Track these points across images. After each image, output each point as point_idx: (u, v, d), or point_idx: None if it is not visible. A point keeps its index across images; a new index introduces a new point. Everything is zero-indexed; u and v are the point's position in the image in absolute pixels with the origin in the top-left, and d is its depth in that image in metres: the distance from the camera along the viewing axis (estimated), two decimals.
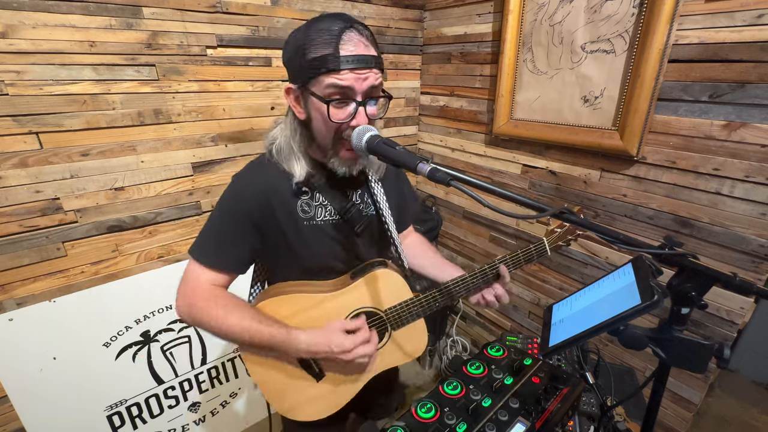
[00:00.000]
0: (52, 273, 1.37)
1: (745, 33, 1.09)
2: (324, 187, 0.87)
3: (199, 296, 0.84)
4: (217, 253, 0.86)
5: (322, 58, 0.70)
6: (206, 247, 0.86)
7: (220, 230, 0.86)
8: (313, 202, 0.87)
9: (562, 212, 0.62)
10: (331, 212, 0.89)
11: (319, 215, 0.88)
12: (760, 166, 1.13)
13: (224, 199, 0.86)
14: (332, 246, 0.91)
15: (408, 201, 1.11)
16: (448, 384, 0.85)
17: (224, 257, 0.86)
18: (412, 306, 0.96)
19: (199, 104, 1.51)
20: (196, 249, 0.87)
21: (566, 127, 1.56)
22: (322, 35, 0.70)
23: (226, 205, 0.86)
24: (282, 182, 0.84)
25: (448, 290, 0.97)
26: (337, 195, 0.89)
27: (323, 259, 0.92)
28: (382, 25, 1.97)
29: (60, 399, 1.42)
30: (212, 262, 0.85)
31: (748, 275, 1.22)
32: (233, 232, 0.85)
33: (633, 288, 0.58)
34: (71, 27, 1.22)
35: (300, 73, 0.74)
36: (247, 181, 0.86)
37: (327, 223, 0.89)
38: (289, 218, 0.85)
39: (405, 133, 2.30)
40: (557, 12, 1.49)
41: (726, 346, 0.54)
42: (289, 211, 0.85)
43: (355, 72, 0.71)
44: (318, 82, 0.72)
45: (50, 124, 1.26)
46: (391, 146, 0.71)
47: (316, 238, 0.88)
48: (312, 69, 0.71)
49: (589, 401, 0.96)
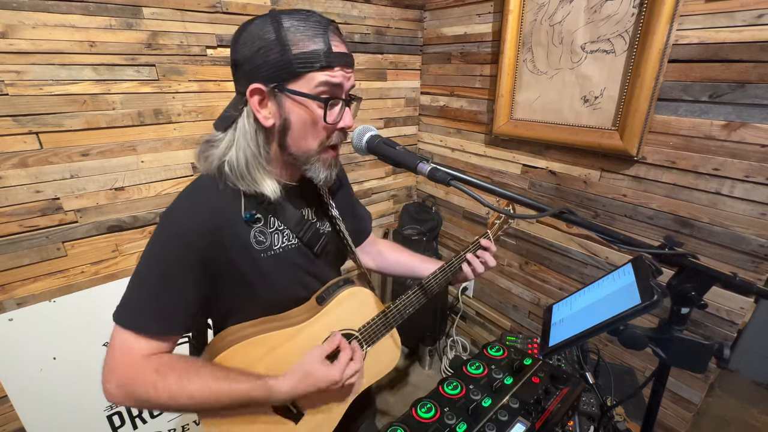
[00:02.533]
0: (52, 273, 1.37)
1: (745, 33, 1.09)
2: (278, 209, 0.75)
3: (136, 373, 0.65)
4: (158, 315, 0.67)
5: (313, 53, 0.62)
6: (140, 309, 0.68)
7: (158, 284, 0.67)
8: (267, 229, 0.75)
9: (561, 212, 0.62)
10: (288, 237, 0.77)
11: (276, 243, 0.75)
12: (760, 166, 1.13)
13: (160, 246, 0.68)
14: (293, 274, 0.80)
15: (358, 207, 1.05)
16: (448, 384, 0.85)
17: (166, 317, 0.68)
18: (386, 319, 0.91)
19: (199, 104, 1.51)
20: (124, 314, 0.67)
21: (566, 127, 1.56)
22: (306, 30, 0.63)
23: (159, 250, 0.68)
24: (228, 210, 0.70)
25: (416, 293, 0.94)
26: (293, 215, 0.78)
27: (286, 290, 0.80)
28: (382, 25, 1.97)
29: (60, 399, 1.42)
30: (149, 327, 0.67)
31: (748, 275, 1.22)
32: (177, 285, 0.67)
33: (633, 288, 0.58)
34: (71, 27, 1.22)
35: (278, 69, 0.63)
36: (188, 217, 0.68)
37: (285, 249, 0.77)
38: (244, 252, 0.71)
39: (405, 133, 2.30)
40: (557, 12, 1.49)
41: (726, 346, 0.54)
42: (242, 245, 0.71)
43: (344, 70, 0.66)
44: (307, 79, 0.64)
45: (50, 124, 1.26)
46: (391, 146, 0.71)
47: (275, 270, 0.76)
48: (300, 65, 0.62)
49: (589, 401, 0.96)
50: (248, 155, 0.69)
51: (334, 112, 0.68)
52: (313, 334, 0.81)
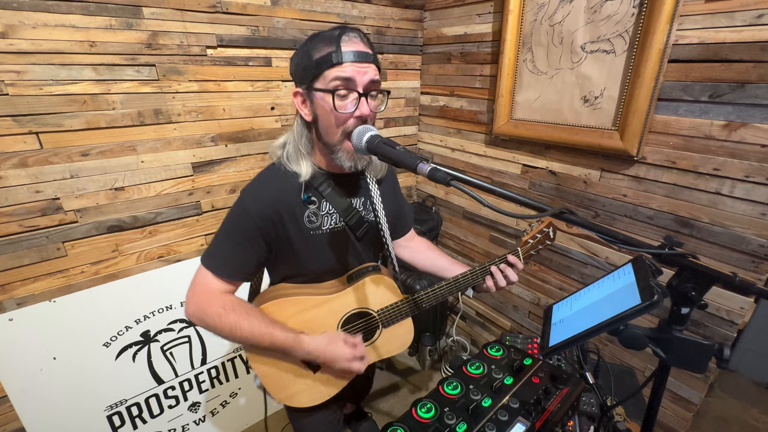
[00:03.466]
0: (52, 273, 1.37)
1: (745, 33, 1.09)
2: (331, 195, 0.93)
3: (210, 304, 0.89)
4: (228, 264, 0.91)
5: (326, 56, 0.77)
6: (217, 257, 0.91)
7: (231, 243, 0.90)
8: (320, 211, 0.93)
9: (562, 212, 0.62)
10: (336, 220, 0.95)
11: (325, 224, 0.94)
12: (760, 166, 1.13)
13: (235, 214, 0.90)
14: (336, 253, 0.98)
15: (404, 207, 1.19)
16: (448, 384, 0.85)
17: (234, 268, 0.91)
18: (401, 307, 1.05)
19: (199, 104, 1.51)
20: (207, 258, 0.92)
21: (566, 127, 1.56)
22: (324, 39, 0.79)
23: (237, 219, 0.90)
24: (290, 193, 0.89)
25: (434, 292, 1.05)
26: (343, 202, 0.94)
27: (326, 265, 0.99)
28: (382, 25, 1.97)
29: (60, 399, 1.42)
30: (222, 272, 0.90)
31: (748, 275, 1.22)
32: (243, 246, 0.90)
33: (633, 288, 0.58)
34: (71, 27, 1.22)
35: (306, 74, 0.80)
36: (256, 195, 0.89)
37: (332, 231, 0.95)
38: (297, 229, 0.91)
39: (405, 133, 2.30)
40: (557, 12, 1.49)
41: (726, 346, 0.54)
42: (296, 223, 0.90)
43: (355, 65, 0.77)
44: (323, 77, 0.78)
45: (50, 124, 1.26)
46: (391, 146, 0.71)
47: (321, 247, 0.95)
48: (317, 67, 0.78)
49: (589, 401, 0.96)
50: (292, 145, 0.89)
51: (345, 101, 0.79)
52: (338, 305, 1.00)
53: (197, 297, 0.91)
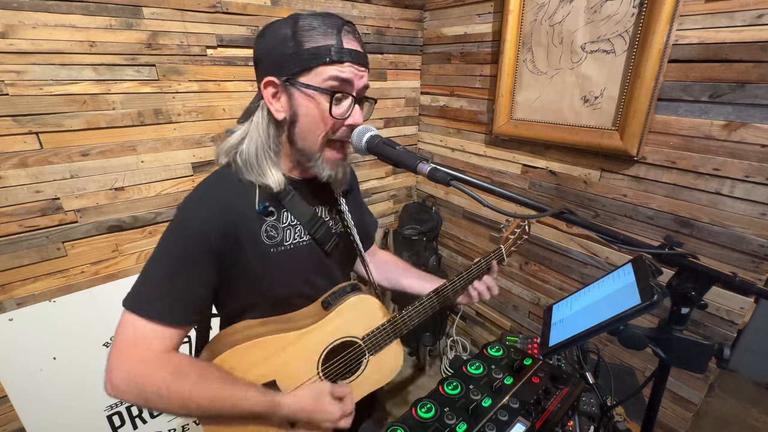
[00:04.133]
0: (52, 273, 1.37)
1: (745, 33, 1.09)
2: (293, 204, 0.77)
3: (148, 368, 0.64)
4: (169, 302, 0.67)
5: (324, 48, 0.65)
6: (152, 296, 0.67)
7: (171, 273, 0.68)
8: (280, 223, 0.76)
9: (562, 212, 0.62)
10: (300, 233, 0.78)
11: (287, 239, 0.76)
12: (760, 166, 1.13)
13: (173, 234, 0.70)
14: (302, 272, 0.81)
15: (366, 216, 1.04)
16: (448, 384, 0.85)
17: (179, 307, 0.68)
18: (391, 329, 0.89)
19: (199, 104, 1.51)
20: (136, 300, 0.67)
21: (566, 127, 1.56)
22: (320, 27, 0.65)
23: (176, 240, 0.69)
24: (242, 203, 0.72)
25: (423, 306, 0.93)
26: (306, 212, 0.78)
27: (292, 289, 0.81)
28: (382, 25, 1.97)
29: (60, 399, 1.42)
30: (162, 315, 0.66)
31: (748, 275, 1.22)
32: (189, 273, 0.68)
33: (633, 288, 0.58)
34: (71, 27, 1.22)
35: (290, 63, 0.66)
36: (202, 206, 0.70)
37: (296, 246, 0.77)
38: (254, 245, 0.72)
39: (405, 133, 2.30)
40: (557, 12, 1.49)
41: (726, 346, 0.54)
42: (253, 237, 0.72)
43: (354, 66, 0.68)
44: (317, 73, 0.66)
45: (50, 124, 1.26)
46: (391, 146, 0.71)
47: (285, 266, 0.77)
48: (311, 58, 0.65)
49: (589, 401, 0.96)
50: (258, 146, 0.72)
51: (342, 106, 0.69)
52: (314, 340, 0.81)
53: (126, 361, 0.64)
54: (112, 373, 0.64)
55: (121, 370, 0.64)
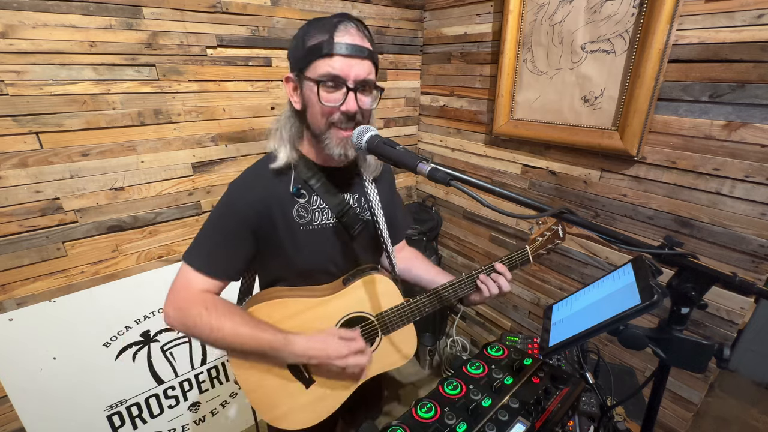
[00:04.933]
0: (52, 273, 1.37)
1: (745, 33, 1.09)
2: (321, 189, 0.87)
3: (190, 303, 0.81)
4: (212, 260, 0.84)
5: (318, 44, 0.73)
6: (201, 253, 0.85)
7: (216, 236, 0.85)
8: (310, 206, 0.87)
9: (561, 212, 0.62)
10: (327, 215, 0.89)
11: (315, 219, 0.88)
12: (760, 166, 1.13)
13: (220, 207, 0.85)
14: (328, 250, 0.91)
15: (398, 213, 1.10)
16: (448, 384, 0.85)
17: (219, 264, 0.85)
18: (402, 311, 0.96)
19: (199, 104, 1.51)
20: (190, 254, 0.85)
21: (566, 127, 1.56)
22: (321, 26, 0.75)
23: (222, 213, 0.85)
24: (278, 186, 0.84)
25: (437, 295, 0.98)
26: (335, 197, 0.88)
27: (318, 264, 0.92)
28: (382, 25, 1.97)
29: (60, 399, 1.42)
30: (206, 268, 0.83)
31: (748, 275, 1.22)
32: (229, 239, 0.84)
33: (633, 288, 0.58)
34: (71, 27, 1.22)
35: (298, 60, 0.77)
36: (244, 188, 0.85)
37: (323, 227, 0.89)
38: (286, 223, 0.85)
39: (405, 133, 2.30)
40: (557, 12, 1.49)
41: (726, 346, 0.54)
42: (285, 216, 0.85)
43: (347, 58, 0.74)
44: (314, 67, 0.75)
45: (50, 124, 1.26)
46: (391, 146, 0.71)
47: (312, 243, 0.88)
48: (309, 55, 0.75)
49: (589, 401, 0.96)
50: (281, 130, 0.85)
51: (330, 94, 0.76)
52: (333, 308, 0.92)
53: (177, 297, 0.83)
54: (167, 307, 0.83)
55: (171, 305, 0.83)
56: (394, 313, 0.96)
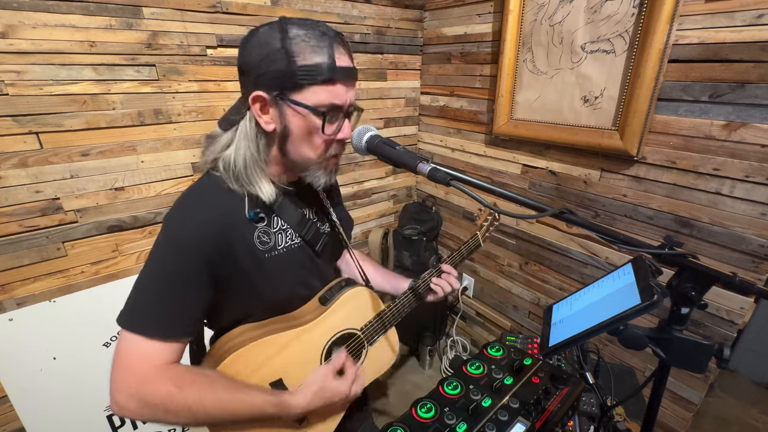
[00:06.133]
0: (52, 273, 1.37)
1: (745, 33, 1.09)
2: (281, 208, 0.76)
3: (151, 384, 0.63)
4: (165, 317, 0.66)
5: (317, 66, 0.63)
6: (148, 313, 0.66)
7: (165, 287, 0.66)
8: (271, 228, 0.75)
9: (561, 212, 0.62)
10: (291, 236, 0.78)
11: (279, 243, 0.76)
12: (760, 166, 1.13)
13: (162, 248, 0.67)
14: (296, 274, 0.82)
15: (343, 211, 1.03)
16: (448, 384, 0.85)
17: (175, 321, 0.67)
18: (385, 317, 0.95)
19: (199, 104, 1.51)
20: (131, 319, 0.66)
21: (566, 127, 1.56)
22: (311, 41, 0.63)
23: (166, 254, 0.67)
24: (233, 211, 0.70)
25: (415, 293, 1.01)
26: (295, 215, 0.79)
27: (290, 291, 0.82)
28: (382, 25, 1.97)
29: (60, 399, 1.42)
30: (160, 331, 0.65)
31: (748, 275, 1.22)
32: (182, 286, 0.66)
33: (633, 288, 0.58)
34: (71, 27, 1.22)
35: (281, 79, 0.65)
36: (192, 218, 0.68)
37: (289, 249, 0.78)
38: (249, 254, 0.72)
39: (405, 133, 2.30)
40: (557, 12, 1.49)
41: (726, 346, 0.54)
42: (246, 246, 0.71)
43: (346, 85, 0.67)
44: (310, 91, 0.65)
45: (50, 124, 1.26)
46: (391, 146, 0.71)
47: (279, 270, 0.77)
48: (304, 77, 0.64)
49: (589, 401, 0.96)
50: (247, 157, 0.71)
51: (333, 124, 0.69)
52: (316, 335, 0.83)
53: (128, 377, 0.63)
54: (117, 393, 0.64)
55: (125, 389, 0.63)
56: (377, 322, 0.93)
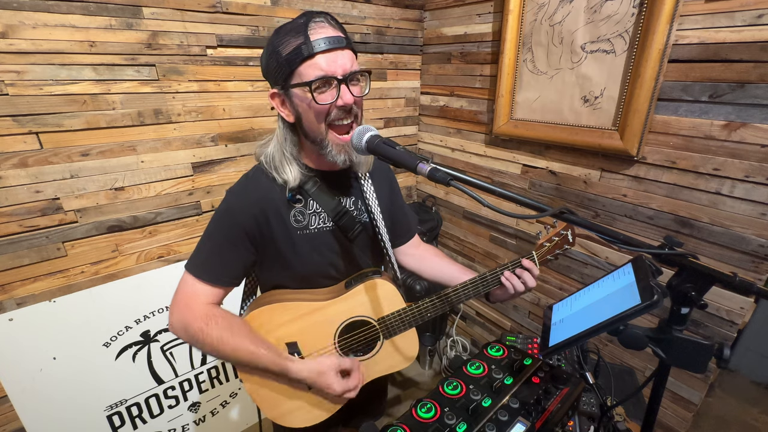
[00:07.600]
0: (52, 273, 1.37)
1: (745, 33, 1.09)
2: (317, 193, 0.87)
3: (195, 316, 0.83)
4: (213, 267, 0.86)
5: (295, 50, 0.72)
6: (202, 261, 0.86)
7: (216, 245, 0.86)
8: (307, 210, 0.88)
9: (562, 212, 0.62)
10: (324, 219, 0.89)
11: (312, 224, 0.88)
12: (760, 166, 1.13)
13: (218, 214, 0.86)
14: (326, 254, 0.92)
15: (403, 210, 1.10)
16: (448, 384, 0.85)
17: (220, 272, 0.86)
18: (404, 315, 0.96)
19: (199, 104, 1.51)
20: (190, 262, 0.87)
21: (566, 127, 1.56)
22: (290, 31, 0.73)
23: (220, 220, 0.86)
24: (275, 192, 0.85)
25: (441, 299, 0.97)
26: (331, 201, 0.89)
27: (317, 268, 0.92)
28: (382, 25, 1.97)
29: (60, 399, 1.42)
30: (208, 277, 0.85)
31: (748, 275, 1.22)
32: (228, 247, 0.85)
33: (633, 288, 0.58)
34: (71, 27, 1.22)
35: (279, 73, 0.75)
36: (241, 195, 0.86)
37: (320, 230, 0.89)
38: (283, 229, 0.86)
39: (405, 133, 2.30)
40: (557, 12, 1.49)
41: (726, 346, 0.54)
42: (282, 222, 0.86)
43: (328, 53, 0.72)
44: (297, 74, 0.74)
45: (50, 124, 1.26)
46: (391, 146, 0.71)
47: (309, 248, 0.89)
48: (288, 64, 0.73)
49: (589, 401, 0.96)
50: (276, 150, 0.84)
51: (325, 93, 0.75)
52: (335, 312, 0.93)
53: (180, 307, 0.85)
54: (171, 316, 0.85)
55: (176, 314, 0.84)
56: (396, 318, 0.96)
